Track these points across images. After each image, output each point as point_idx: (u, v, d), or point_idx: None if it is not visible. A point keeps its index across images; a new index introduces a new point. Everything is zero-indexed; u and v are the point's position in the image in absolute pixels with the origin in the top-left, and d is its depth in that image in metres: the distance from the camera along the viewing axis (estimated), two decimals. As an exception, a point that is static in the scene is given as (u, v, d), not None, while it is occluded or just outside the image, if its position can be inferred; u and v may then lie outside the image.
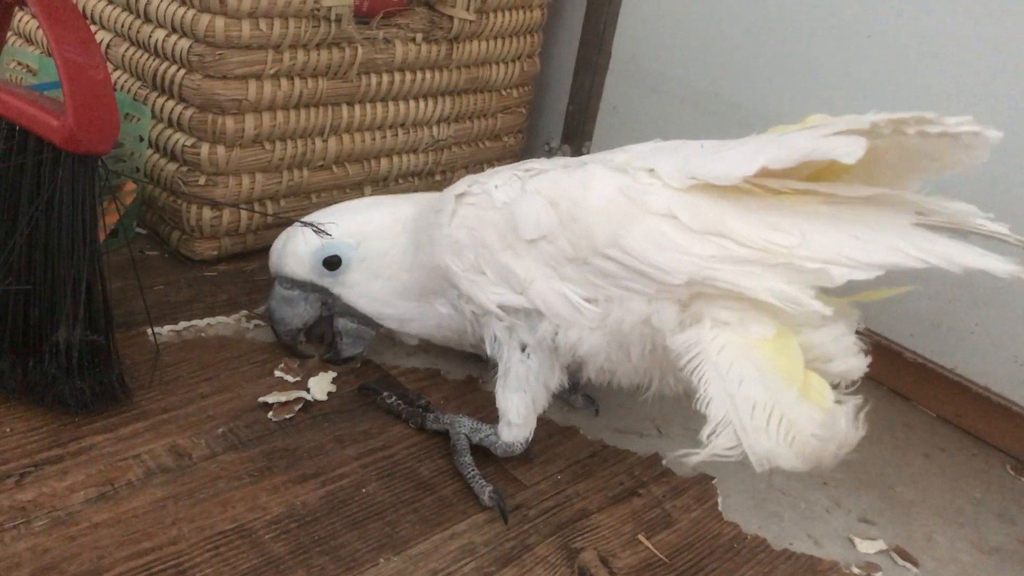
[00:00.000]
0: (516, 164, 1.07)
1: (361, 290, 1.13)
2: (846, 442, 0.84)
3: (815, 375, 0.85)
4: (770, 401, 0.82)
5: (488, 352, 1.05)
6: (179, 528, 0.89)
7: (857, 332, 0.91)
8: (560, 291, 0.96)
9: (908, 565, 1.04)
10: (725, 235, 0.87)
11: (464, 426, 1.06)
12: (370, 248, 1.11)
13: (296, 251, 1.11)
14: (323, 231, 1.08)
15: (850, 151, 0.82)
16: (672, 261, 0.88)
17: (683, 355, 0.88)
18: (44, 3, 0.93)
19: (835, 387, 0.87)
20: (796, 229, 0.86)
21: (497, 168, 1.09)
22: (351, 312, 1.15)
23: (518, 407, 1.03)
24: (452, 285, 1.04)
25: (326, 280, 1.12)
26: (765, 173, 0.86)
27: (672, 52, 1.59)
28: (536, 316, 0.99)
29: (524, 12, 1.58)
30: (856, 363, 0.89)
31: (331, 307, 1.15)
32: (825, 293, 0.86)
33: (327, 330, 1.18)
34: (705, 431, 0.84)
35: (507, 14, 1.55)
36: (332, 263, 1.11)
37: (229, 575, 0.86)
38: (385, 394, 1.12)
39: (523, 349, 1.02)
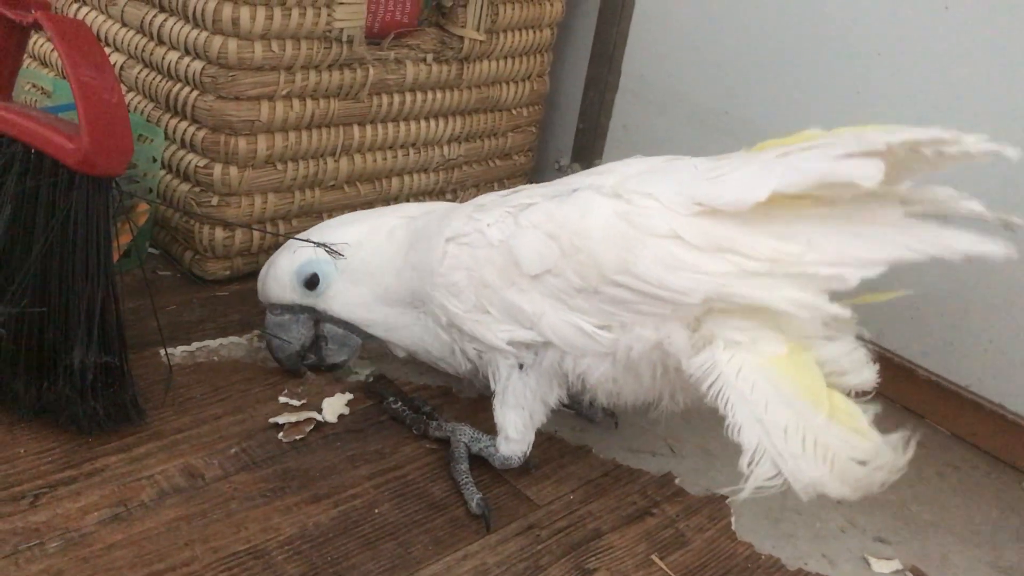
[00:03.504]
0: (502, 195, 1.06)
1: (344, 299, 1.11)
2: (895, 468, 0.84)
3: (838, 394, 0.85)
4: (800, 424, 0.82)
5: (491, 384, 1.05)
6: (192, 549, 0.89)
7: (859, 337, 0.90)
8: (572, 322, 0.95)
9: (924, 585, 1.04)
10: (733, 250, 0.87)
11: (465, 434, 1.06)
12: (348, 259, 1.10)
13: (276, 275, 1.11)
14: (335, 251, 1.09)
15: (869, 175, 0.80)
16: (687, 281, 0.88)
17: (702, 380, 0.88)
18: (59, 26, 0.95)
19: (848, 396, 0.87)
20: (801, 236, 0.86)
21: (482, 199, 1.08)
22: (338, 322, 1.14)
23: (515, 423, 1.03)
24: (452, 325, 1.04)
25: (309, 299, 1.11)
26: (775, 197, 0.85)
27: (682, 70, 1.59)
28: (542, 346, 0.99)
29: (534, 32, 1.59)
30: (868, 375, 0.89)
31: (320, 321, 1.15)
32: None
33: (316, 341, 1.17)
34: (743, 460, 0.84)
35: (517, 34, 1.55)
36: (311, 282, 1.10)
37: (242, 597, 0.86)
38: (391, 399, 1.13)
39: (521, 367, 1.02)
